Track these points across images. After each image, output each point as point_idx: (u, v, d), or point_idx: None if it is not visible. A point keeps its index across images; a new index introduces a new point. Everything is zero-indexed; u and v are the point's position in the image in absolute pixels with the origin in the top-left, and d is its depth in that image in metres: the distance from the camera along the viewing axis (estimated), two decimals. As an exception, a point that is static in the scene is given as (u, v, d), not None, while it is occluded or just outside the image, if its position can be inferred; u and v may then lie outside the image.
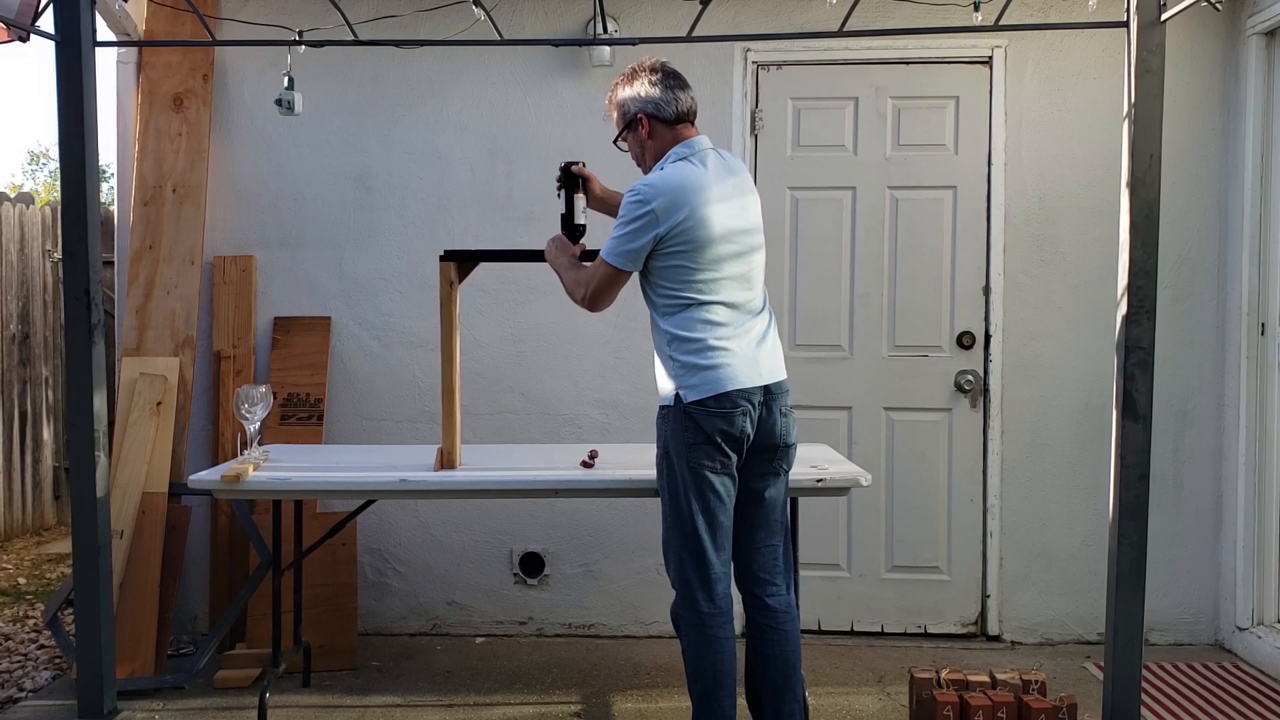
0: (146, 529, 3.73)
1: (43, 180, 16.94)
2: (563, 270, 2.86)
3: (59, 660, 4.00)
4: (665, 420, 2.72)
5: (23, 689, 3.72)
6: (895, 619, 4.12)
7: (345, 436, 4.15)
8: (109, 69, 4.14)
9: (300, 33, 3.39)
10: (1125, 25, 2.95)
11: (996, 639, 4.08)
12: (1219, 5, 3.06)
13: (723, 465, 2.66)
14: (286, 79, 3.49)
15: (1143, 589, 3.00)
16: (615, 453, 3.40)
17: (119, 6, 3.88)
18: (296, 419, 4.04)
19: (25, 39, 3.22)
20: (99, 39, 3.27)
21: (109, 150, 4.21)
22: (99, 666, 3.26)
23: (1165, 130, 2.97)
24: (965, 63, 4.04)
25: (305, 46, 3.39)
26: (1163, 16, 2.89)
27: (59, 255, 5.96)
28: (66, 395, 3.76)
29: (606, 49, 3.93)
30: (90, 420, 3.23)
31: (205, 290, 4.13)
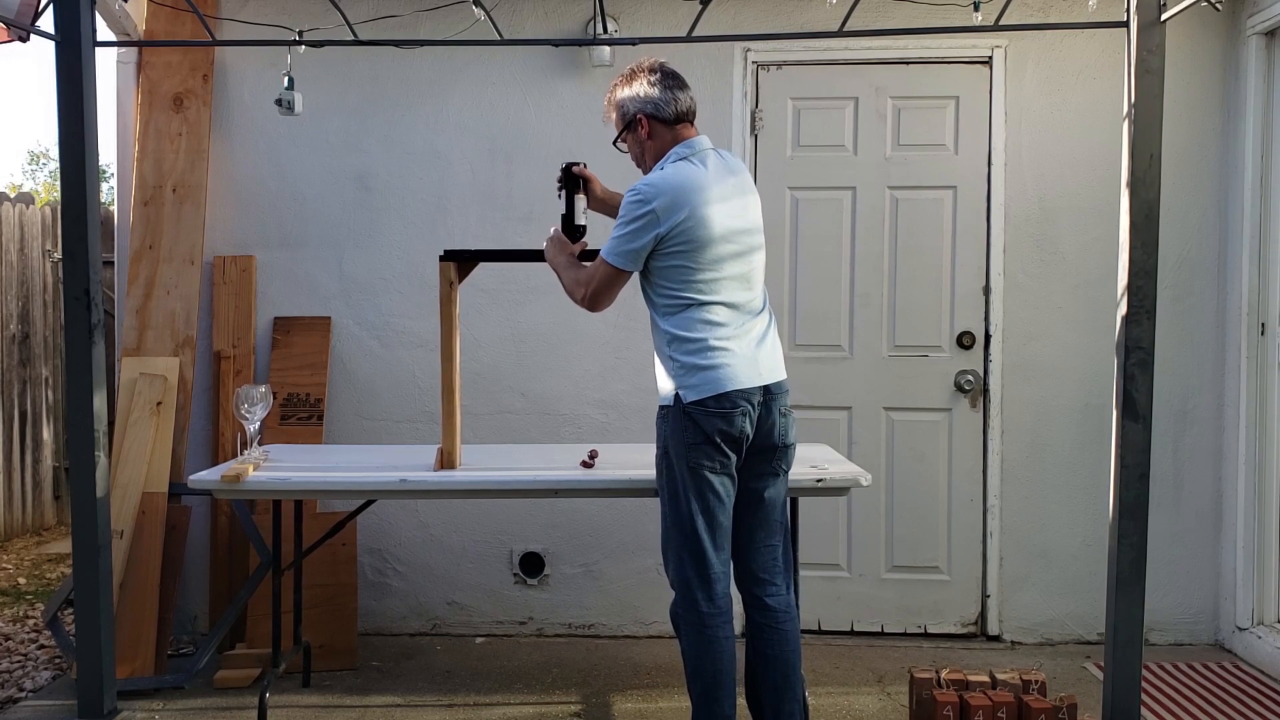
0: (146, 529, 3.73)
1: (43, 180, 16.92)
2: (561, 269, 2.86)
3: (59, 660, 4.00)
4: (665, 420, 2.72)
5: (23, 689, 3.72)
6: (895, 619, 4.12)
7: (345, 436, 4.15)
8: (109, 69, 4.14)
9: (300, 33, 3.39)
10: (1125, 25, 2.95)
11: (996, 639, 4.08)
12: (1219, 5, 3.06)
13: (722, 465, 2.66)
14: (286, 79, 3.49)
15: (1143, 589, 3.00)
16: (615, 453, 3.40)
17: (119, 6, 3.88)
18: (296, 419, 4.04)
19: (25, 39, 3.22)
20: (99, 39, 3.27)
21: (109, 150, 4.22)
22: (99, 666, 3.26)
23: (1165, 130, 2.97)
24: (965, 63, 4.04)
25: (305, 46, 3.39)
26: (1163, 16, 2.89)
27: (59, 255, 5.95)
28: (66, 395, 3.76)
29: (606, 49, 3.93)
30: (90, 420, 3.23)
31: (205, 290, 4.13)
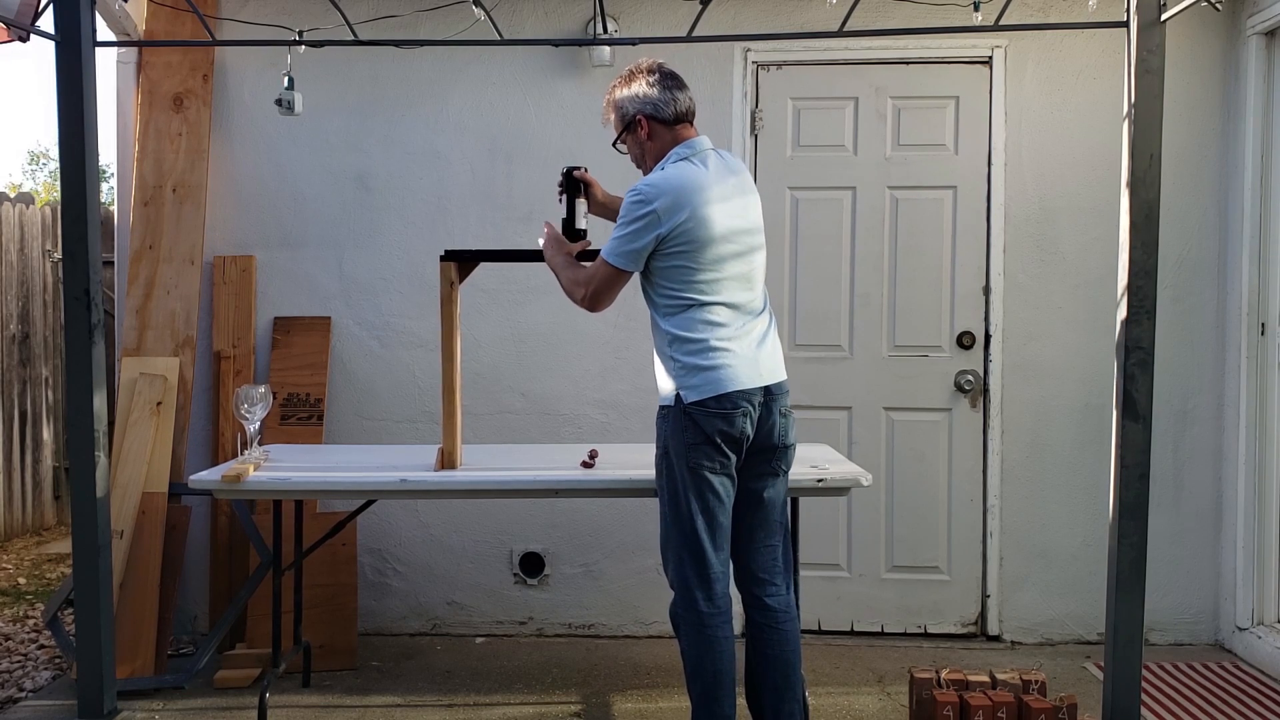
0: (146, 529, 3.73)
1: (43, 180, 16.91)
2: (560, 269, 2.85)
3: (59, 660, 4.00)
4: (665, 420, 2.72)
5: (23, 689, 3.72)
6: (895, 619, 4.12)
7: (345, 436, 4.15)
8: (109, 69, 4.14)
9: (300, 33, 3.39)
10: (1125, 25, 2.95)
11: (996, 639, 4.08)
12: (1219, 5, 3.06)
13: (722, 465, 2.66)
14: (286, 79, 3.49)
15: (1143, 589, 3.00)
16: (615, 453, 3.39)
17: (119, 6, 3.88)
18: (296, 419, 4.04)
19: (25, 39, 3.22)
20: (99, 39, 3.27)
21: (109, 150, 4.21)
22: (99, 666, 3.26)
23: (1165, 130, 2.97)
24: (965, 63, 4.04)
25: (305, 46, 3.39)
26: (1163, 16, 2.89)
27: (59, 255, 5.95)
28: (66, 395, 3.76)
29: (606, 49, 3.93)
30: (90, 420, 3.23)
31: (205, 290, 4.13)
